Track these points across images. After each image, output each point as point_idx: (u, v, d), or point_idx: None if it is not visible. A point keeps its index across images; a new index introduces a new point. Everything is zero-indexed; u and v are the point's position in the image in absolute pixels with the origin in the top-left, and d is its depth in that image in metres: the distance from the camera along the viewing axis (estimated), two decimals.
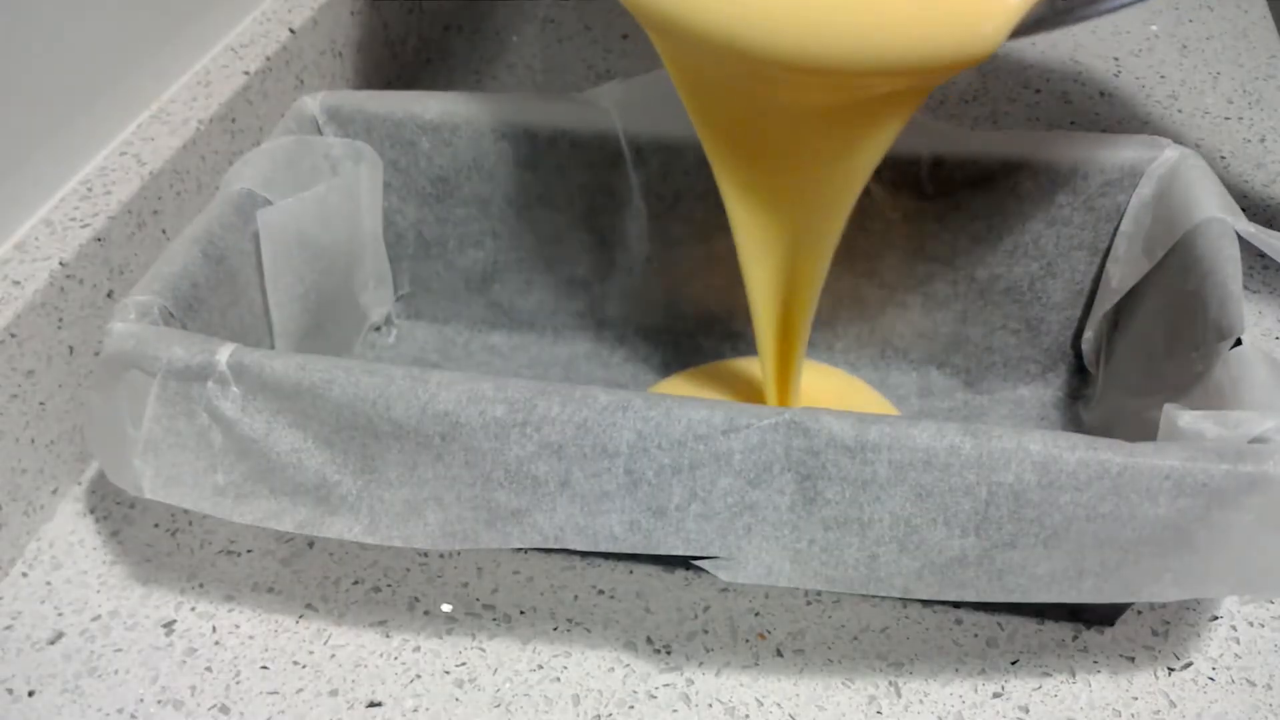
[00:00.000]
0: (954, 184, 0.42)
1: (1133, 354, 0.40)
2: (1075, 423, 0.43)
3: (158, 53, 0.48)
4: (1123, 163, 0.41)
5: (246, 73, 0.50)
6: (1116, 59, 0.66)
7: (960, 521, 0.31)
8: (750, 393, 0.46)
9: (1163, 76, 0.64)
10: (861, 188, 0.36)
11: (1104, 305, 0.42)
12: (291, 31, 0.54)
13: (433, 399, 0.32)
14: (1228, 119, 0.61)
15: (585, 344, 0.48)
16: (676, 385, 0.47)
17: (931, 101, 0.62)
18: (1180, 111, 0.62)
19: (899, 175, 0.42)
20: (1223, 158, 0.58)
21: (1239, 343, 0.34)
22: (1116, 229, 0.42)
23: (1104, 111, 0.62)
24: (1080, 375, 0.45)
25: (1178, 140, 0.59)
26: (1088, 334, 0.44)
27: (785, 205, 0.37)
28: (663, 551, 0.32)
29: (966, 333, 0.45)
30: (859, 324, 0.46)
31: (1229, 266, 0.36)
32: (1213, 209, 0.38)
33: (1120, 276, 0.42)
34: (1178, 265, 0.38)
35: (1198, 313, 0.36)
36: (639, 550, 0.32)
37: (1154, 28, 0.69)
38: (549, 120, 0.44)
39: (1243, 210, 0.54)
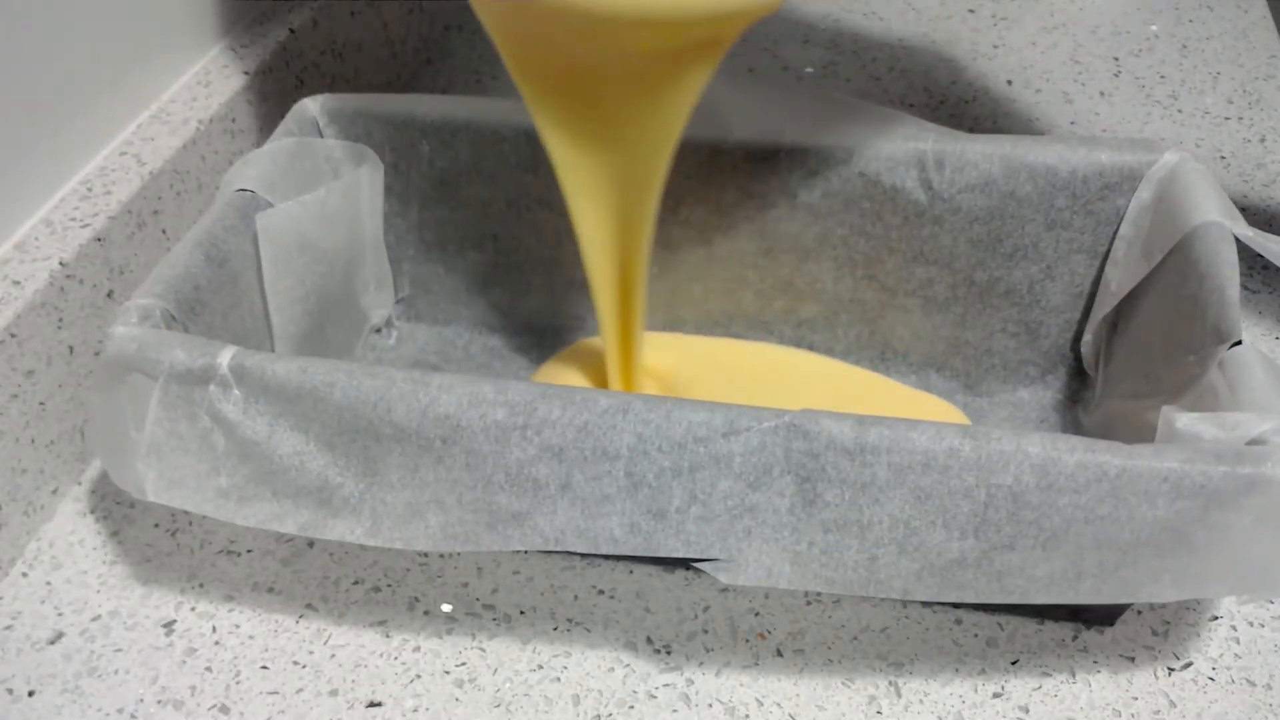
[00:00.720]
0: (953, 187, 0.42)
1: (1131, 357, 0.40)
2: (1074, 425, 0.43)
3: (158, 53, 0.48)
4: (1122, 166, 0.41)
5: (246, 73, 0.50)
6: (1116, 59, 0.66)
7: (959, 523, 0.31)
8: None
9: (1163, 76, 0.64)
10: (679, 130, 0.37)
11: (1103, 308, 0.42)
12: (291, 31, 0.54)
13: (434, 402, 0.32)
14: (1228, 119, 0.61)
15: None
16: (557, 367, 0.47)
17: (932, 101, 0.63)
18: (1180, 111, 0.62)
19: (899, 178, 0.42)
20: (1223, 158, 0.58)
21: (1238, 344, 0.34)
22: (1116, 232, 0.42)
23: (1104, 111, 0.62)
24: (1080, 378, 0.45)
25: (1178, 141, 0.59)
26: (1087, 337, 0.44)
27: (606, 147, 0.38)
28: (663, 554, 0.32)
29: (966, 335, 0.45)
30: (859, 326, 0.46)
31: (1226, 270, 0.36)
32: (1211, 213, 0.38)
33: (1119, 280, 0.42)
34: (1176, 269, 0.38)
35: (1195, 316, 0.36)
36: (639, 553, 0.32)
37: (1154, 28, 0.69)
38: None
39: (1242, 211, 0.54)
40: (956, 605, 0.38)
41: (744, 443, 0.31)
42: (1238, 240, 0.37)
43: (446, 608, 0.38)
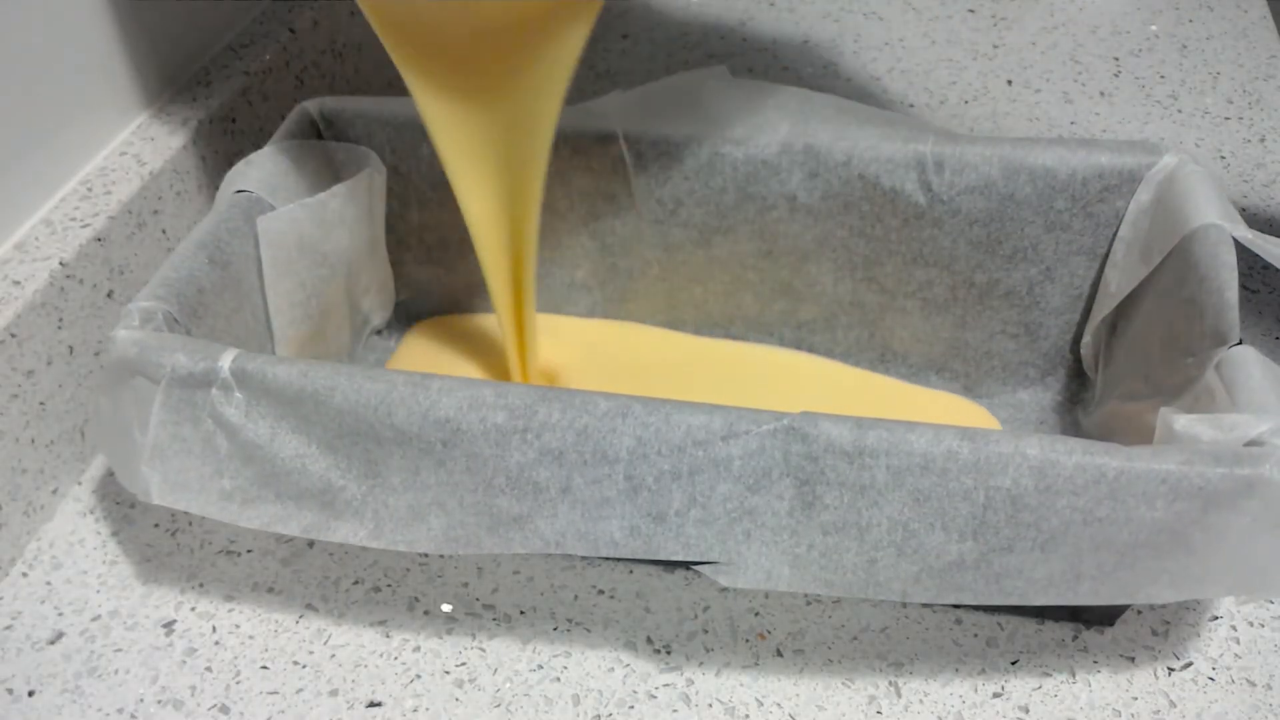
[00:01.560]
0: (953, 189, 0.42)
1: (1130, 358, 0.40)
2: (1074, 427, 0.43)
3: (158, 53, 0.48)
4: (1121, 168, 0.41)
5: (247, 73, 0.50)
6: (1116, 59, 0.66)
7: (958, 526, 0.31)
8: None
9: (1163, 76, 0.64)
10: (562, 87, 0.37)
11: (1102, 310, 0.42)
12: (291, 31, 0.54)
13: (434, 405, 0.32)
14: (1228, 119, 0.61)
15: None
16: (414, 350, 0.48)
17: (932, 101, 0.63)
18: (1180, 111, 0.62)
19: (898, 180, 0.42)
20: (1223, 158, 0.58)
21: (1238, 344, 0.34)
22: (1115, 234, 0.42)
23: (1104, 111, 0.62)
24: (1079, 379, 0.45)
25: (1178, 141, 0.59)
26: (1086, 338, 0.44)
27: (486, 109, 0.38)
28: (663, 557, 0.32)
29: (965, 337, 0.45)
30: (858, 329, 0.46)
31: (1225, 273, 0.36)
32: (1210, 215, 0.38)
33: (1118, 281, 0.42)
34: (1174, 271, 0.38)
35: (1194, 319, 0.36)
36: (639, 556, 0.33)
37: (1154, 28, 0.69)
38: None
39: (1242, 211, 0.54)
40: (956, 605, 0.38)
41: (743, 446, 0.31)
42: (1237, 242, 0.37)
43: (446, 608, 0.38)
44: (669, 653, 0.37)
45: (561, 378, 0.46)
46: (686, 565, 0.37)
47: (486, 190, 0.40)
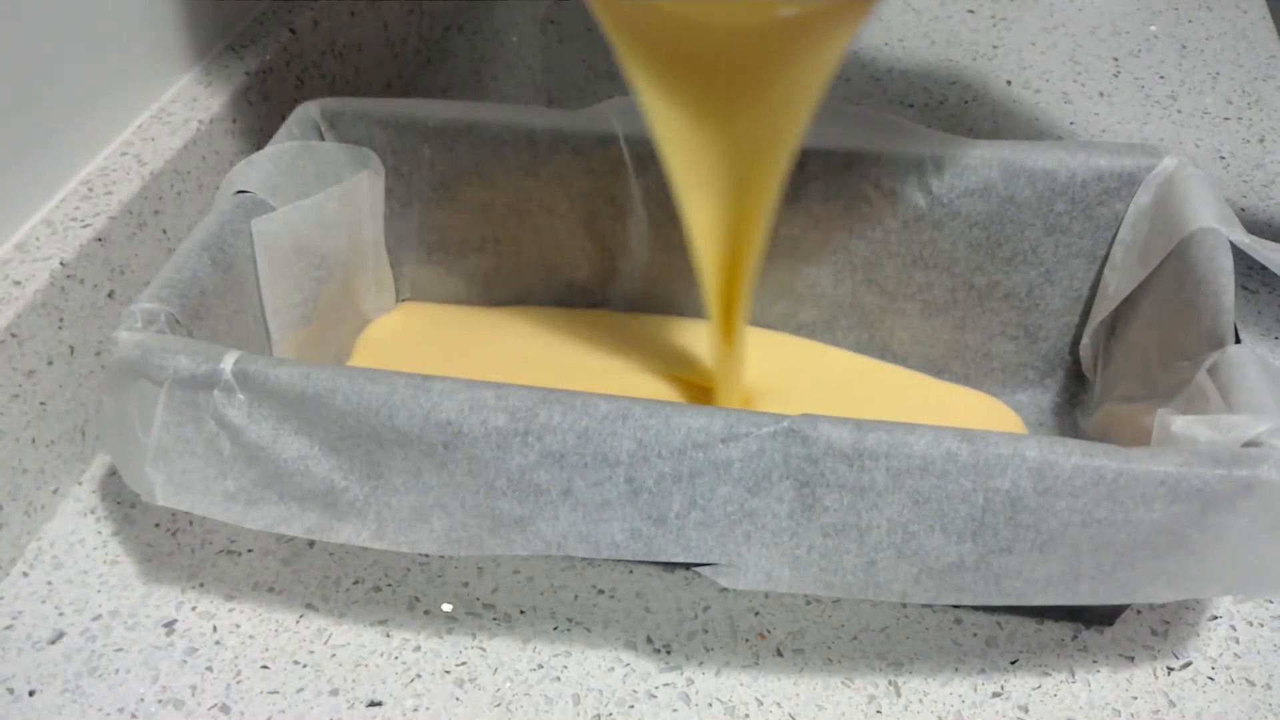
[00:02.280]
0: (953, 191, 0.42)
1: (1128, 361, 0.41)
2: (1073, 428, 0.44)
3: (159, 53, 0.48)
4: (1121, 171, 0.41)
5: (247, 73, 0.50)
6: (1116, 59, 0.66)
7: (957, 527, 0.31)
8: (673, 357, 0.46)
9: (1162, 76, 0.65)
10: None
11: (1101, 312, 0.43)
12: (291, 31, 0.54)
13: (435, 407, 0.32)
14: (1227, 119, 0.61)
15: None
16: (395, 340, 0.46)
17: (932, 102, 0.63)
18: (1180, 112, 0.62)
19: (898, 183, 0.42)
20: (1222, 158, 0.58)
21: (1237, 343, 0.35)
22: (1114, 236, 0.42)
23: (1103, 112, 0.62)
24: (1078, 381, 0.45)
25: (1177, 141, 0.59)
26: (1085, 340, 0.44)
27: (730, 126, 0.36)
28: (663, 559, 0.33)
29: (965, 339, 0.45)
30: (858, 330, 0.46)
31: (1222, 277, 0.36)
32: (1208, 218, 0.38)
33: (1117, 284, 0.42)
34: (1173, 274, 0.39)
35: (1191, 322, 0.36)
36: (640, 558, 0.33)
37: (1154, 28, 0.69)
38: (551, 127, 0.44)
39: (1241, 212, 0.54)
40: (956, 605, 0.38)
41: (743, 448, 0.31)
42: (1235, 245, 0.37)
43: (447, 607, 0.38)
44: (669, 652, 0.37)
45: (762, 397, 0.44)
46: (687, 566, 0.37)
47: (716, 203, 0.37)
